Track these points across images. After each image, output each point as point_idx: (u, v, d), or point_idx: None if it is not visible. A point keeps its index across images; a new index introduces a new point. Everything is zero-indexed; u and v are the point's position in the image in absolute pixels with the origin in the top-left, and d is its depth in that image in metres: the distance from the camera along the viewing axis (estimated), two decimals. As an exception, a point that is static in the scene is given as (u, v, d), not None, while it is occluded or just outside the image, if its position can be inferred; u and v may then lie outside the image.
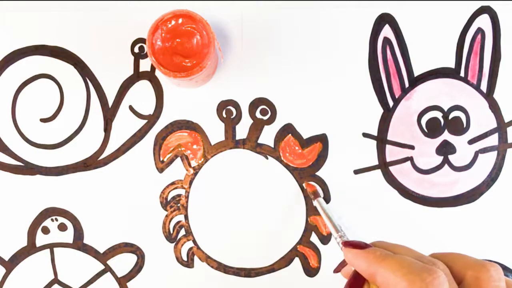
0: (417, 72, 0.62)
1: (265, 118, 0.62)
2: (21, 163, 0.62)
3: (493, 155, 0.62)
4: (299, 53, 0.62)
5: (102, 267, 0.62)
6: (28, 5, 0.62)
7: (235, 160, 0.62)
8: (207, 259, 0.62)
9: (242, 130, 0.62)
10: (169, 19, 0.56)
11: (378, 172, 0.62)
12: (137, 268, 0.62)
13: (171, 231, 0.62)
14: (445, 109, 0.62)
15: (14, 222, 0.62)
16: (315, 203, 0.59)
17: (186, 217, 0.62)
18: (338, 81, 0.62)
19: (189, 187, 0.62)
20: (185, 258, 0.62)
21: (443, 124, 0.62)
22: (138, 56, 0.62)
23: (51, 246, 0.62)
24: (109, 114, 0.62)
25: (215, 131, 0.62)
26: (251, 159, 0.62)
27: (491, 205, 0.62)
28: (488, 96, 0.62)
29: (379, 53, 0.62)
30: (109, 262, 0.62)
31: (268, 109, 0.62)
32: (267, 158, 0.62)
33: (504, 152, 0.62)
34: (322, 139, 0.62)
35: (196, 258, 0.62)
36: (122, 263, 0.62)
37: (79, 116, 0.62)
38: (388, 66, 0.62)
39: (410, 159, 0.62)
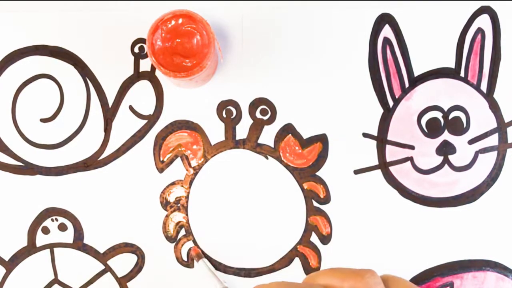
0: (417, 72, 0.62)
1: (265, 118, 0.62)
2: (21, 163, 0.62)
3: (493, 155, 0.62)
4: (299, 53, 0.62)
5: (102, 267, 0.62)
6: (28, 5, 0.62)
7: (235, 160, 0.62)
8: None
9: (242, 130, 0.62)
10: (169, 19, 0.56)
11: (378, 172, 0.62)
12: (137, 268, 0.62)
13: (171, 231, 0.62)
14: (445, 109, 0.62)
15: (14, 222, 0.62)
16: (200, 263, 0.60)
17: (186, 217, 0.62)
18: (338, 81, 0.62)
19: (189, 187, 0.62)
20: (185, 258, 0.62)
21: (443, 124, 0.62)
22: (138, 56, 0.62)
23: (51, 246, 0.62)
24: (109, 114, 0.62)
25: (215, 131, 0.62)
26: (251, 159, 0.62)
27: (491, 205, 0.62)
28: (488, 96, 0.62)
29: (379, 53, 0.62)
30: (109, 262, 0.62)
31: (268, 109, 0.62)
32: (267, 158, 0.62)
33: (504, 152, 0.62)
34: (322, 139, 0.62)
35: (196, 258, 0.62)
36: (122, 263, 0.62)
37: (79, 116, 0.62)
38: (388, 66, 0.62)
39: (410, 159, 0.62)
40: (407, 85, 0.62)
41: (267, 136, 0.62)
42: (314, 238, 0.62)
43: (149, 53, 0.55)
